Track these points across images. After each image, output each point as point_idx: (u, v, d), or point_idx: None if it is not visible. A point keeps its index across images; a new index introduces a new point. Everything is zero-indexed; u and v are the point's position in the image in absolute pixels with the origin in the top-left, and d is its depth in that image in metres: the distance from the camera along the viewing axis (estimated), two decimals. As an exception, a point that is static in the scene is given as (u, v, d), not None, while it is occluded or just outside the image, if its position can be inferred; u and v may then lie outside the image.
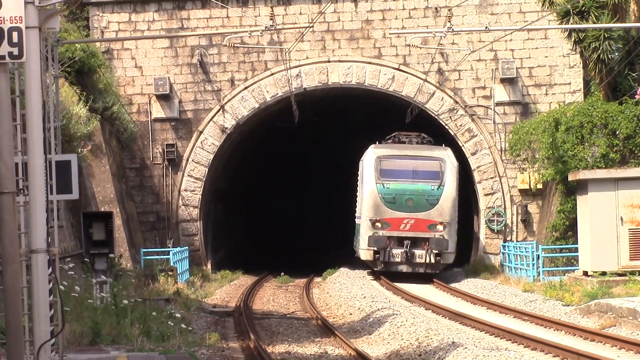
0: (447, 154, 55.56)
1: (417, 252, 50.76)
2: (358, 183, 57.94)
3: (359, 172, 57.67)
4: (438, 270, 54.18)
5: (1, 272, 16.86)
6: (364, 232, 51.86)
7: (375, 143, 57.75)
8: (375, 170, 52.23)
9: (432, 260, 52.13)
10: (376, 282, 57.19)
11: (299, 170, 77.13)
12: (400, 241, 51.94)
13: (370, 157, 53.72)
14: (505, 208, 59.24)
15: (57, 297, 18.04)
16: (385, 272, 57.47)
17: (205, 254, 59.65)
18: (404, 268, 52.29)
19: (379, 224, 51.70)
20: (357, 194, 58.12)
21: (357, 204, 58.96)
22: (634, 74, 51.93)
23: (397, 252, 52.17)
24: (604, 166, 49.44)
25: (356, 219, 59.74)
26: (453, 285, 53.92)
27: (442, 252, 52.80)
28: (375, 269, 54.37)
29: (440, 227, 53.13)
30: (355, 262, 62.69)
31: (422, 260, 51.87)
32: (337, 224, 74.80)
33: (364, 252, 52.67)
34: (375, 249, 50.68)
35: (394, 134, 58.70)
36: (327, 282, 57.35)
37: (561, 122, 52.61)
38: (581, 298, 37.86)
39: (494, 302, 42.43)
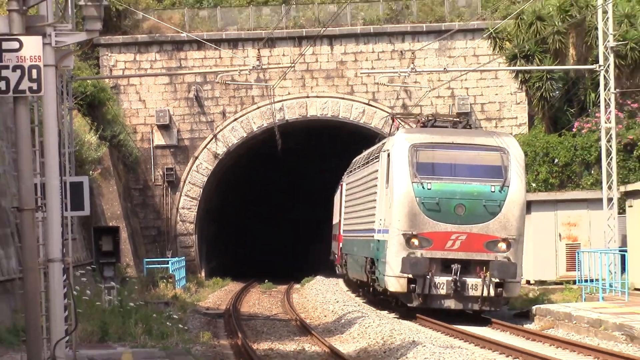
0: (509, 142, 37.52)
1: (470, 281, 32.97)
2: (373, 184, 39.57)
3: (376, 170, 38.67)
4: (499, 308, 36.35)
5: (22, 278, 18.13)
6: (394, 252, 33.43)
7: (404, 128, 40.55)
8: (410, 164, 33.76)
9: (492, 293, 33.74)
10: (343, 284, 56.90)
11: (281, 190, 77.01)
12: (445, 265, 34.03)
13: (401, 147, 34.90)
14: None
15: (71, 300, 19.29)
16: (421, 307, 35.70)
17: (200, 263, 61.58)
18: (451, 304, 34.07)
19: (415, 241, 33.21)
20: (372, 197, 39.36)
21: (357, 212, 44.37)
22: (571, 110, 56.67)
23: (442, 282, 33.83)
24: (544, 190, 53.17)
25: (356, 233, 44.83)
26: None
27: (506, 281, 34.16)
28: (409, 305, 35.02)
29: (503, 246, 34.61)
30: (329, 271, 62.43)
31: (477, 293, 33.68)
32: (314, 236, 74.12)
33: (394, 282, 33.95)
34: (411, 276, 32.64)
35: (425, 116, 41.87)
36: (305, 289, 57.59)
37: (509, 151, 58.31)
38: (523, 303, 39.47)
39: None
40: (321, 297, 49.95)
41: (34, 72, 16.19)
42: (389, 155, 34.51)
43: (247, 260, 76.75)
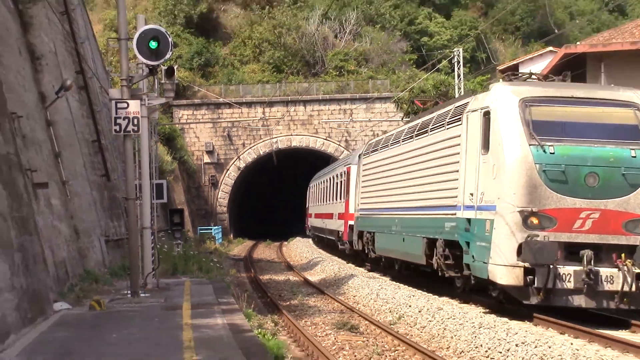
0: None
1: (605, 271, 21.42)
2: (446, 153, 27.00)
3: (455, 136, 26.32)
4: None
5: (128, 238, 23.98)
6: (505, 235, 22.12)
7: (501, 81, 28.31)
8: (523, 122, 22.85)
9: (633, 287, 21.53)
10: (313, 244, 62.49)
11: (276, 187, 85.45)
12: (570, 252, 22.39)
13: (508, 101, 23.54)
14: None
15: (155, 250, 24.34)
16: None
17: (229, 229, 76.09)
18: (581, 301, 21.75)
19: (535, 220, 21.99)
20: (447, 169, 26.77)
21: (399, 189, 31.64)
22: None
23: (568, 272, 21.94)
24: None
25: (395, 211, 32.13)
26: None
27: None
28: (525, 302, 21.93)
29: None
30: (302, 234, 72.60)
31: (615, 287, 21.57)
32: (294, 214, 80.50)
33: (504, 272, 22.03)
34: (528, 265, 21.46)
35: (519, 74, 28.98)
36: (290, 244, 67.93)
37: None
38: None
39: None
40: (299, 249, 59.35)
41: (135, 120, 21.01)
42: (486, 114, 23.44)
43: (256, 227, 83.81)
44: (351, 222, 41.00)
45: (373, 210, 36.18)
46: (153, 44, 21.39)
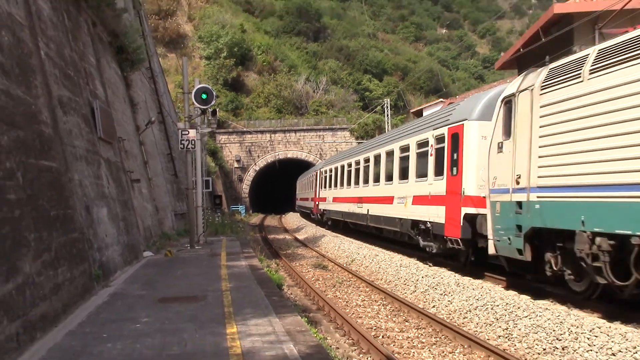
0: None
1: None
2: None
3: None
4: None
5: (188, 212, 23.74)
6: None
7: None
8: None
9: None
10: (300, 217, 58.14)
11: (278, 180, 79.93)
12: None
13: None
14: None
15: (204, 220, 24.60)
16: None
17: (250, 207, 72.57)
18: None
19: None
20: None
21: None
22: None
23: None
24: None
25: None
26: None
27: None
28: None
29: None
30: (293, 211, 69.93)
31: None
32: (289, 197, 74.58)
33: None
34: None
35: None
36: (286, 216, 64.37)
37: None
38: None
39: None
40: (292, 219, 56.93)
41: (193, 141, 21.56)
42: None
43: (265, 206, 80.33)
44: (471, 211, 15.18)
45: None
46: (204, 96, 22.01)
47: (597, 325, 9.68)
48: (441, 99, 56.42)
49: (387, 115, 64.66)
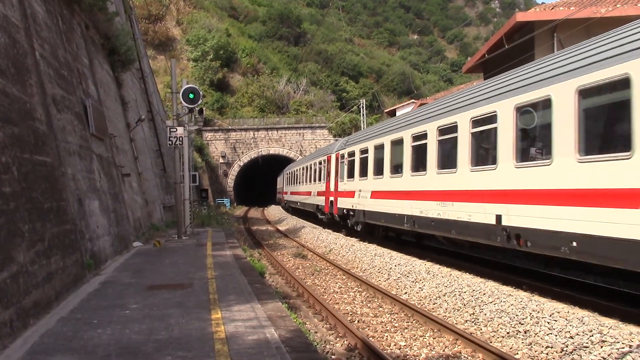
0: None
1: None
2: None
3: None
4: None
5: (175, 205, 23.44)
6: None
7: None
8: None
9: None
10: (281, 209, 56.58)
11: (260, 175, 79.00)
12: None
13: None
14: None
15: (190, 212, 24.24)
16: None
17: (234, 200, 70.31)
18: None
19: None
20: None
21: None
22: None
23: None
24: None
25: None
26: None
27: None
28: None
29: None
30: (275, 203, 68.70)
31: None
32: (270, 191, 76.50)
33: None
34: None
35: None
36: (268, 209, 62.43)
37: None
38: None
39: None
40: (274, 212, 55.47)
41: (181, 138, 21.25)
42: None
43: (249, 199, 79.61)
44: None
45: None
46: (191, 95, 22.34)
47: (557, 310, 9.73)
48: (413, 100, 56.66)
49: (363, 115, 64.90)
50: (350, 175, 23.19)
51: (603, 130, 9.51)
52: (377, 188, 19.59)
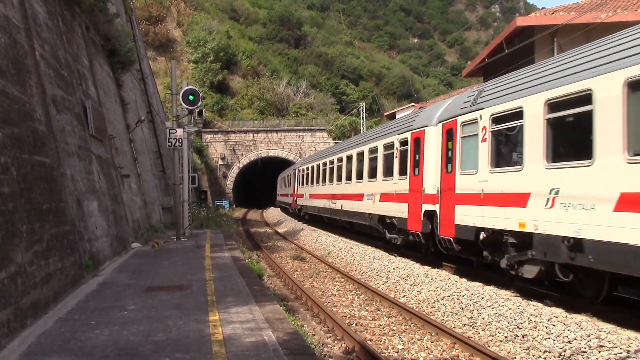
0: None
1: None
2: None
3: None
4: None
5: (175, 206, 23.46)
6: None
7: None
8: None
9: None
10: (280, 211, 56.17)
11: (259, 177, 77.86)
12: None
13: None
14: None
15: (190, 213, 24.33)
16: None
17: (233, 202, 70.33)
18: None
19: None
20: None
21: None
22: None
23: None
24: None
25: None
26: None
27: None
28: None
29: None
30: (274, 205, 66.92)
31: None
32: (270, 192, 73.69)
33: None
34: None
35: None
36: (267, 211, 62.34)
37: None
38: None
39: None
40: (272, 213, 55.41)
41: (180, 140, 21.24)
42: None
43: (248, 201, 79.30)
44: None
45: None
46: (191, 97, 22.30)
47: (555, 314, 9.71)
48: (413, 104, 56.62)
49: (363, 118, 64.89)
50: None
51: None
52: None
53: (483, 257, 12.75)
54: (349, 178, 23.91)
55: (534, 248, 10.72)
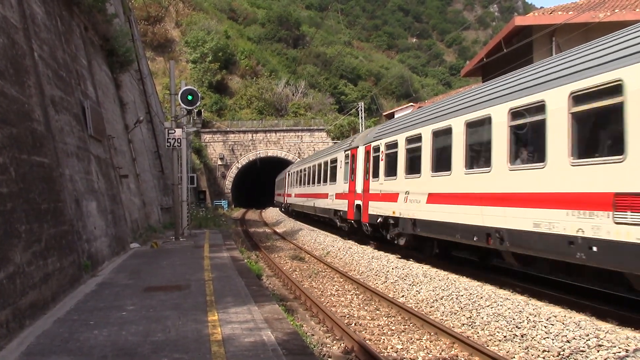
0: None
1: None
2: None
3: None
4: None
5: (173, 206, 23.54)
6: None
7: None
8: None
9: None
10: (279, 211, 55.11)
11: (258, 177, 78.26)
12: None
13: None
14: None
15: (188, 213, 24.32)
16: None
17: (232, 202, 69.95)
18: None
19: None
20: None
21: None
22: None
23: None
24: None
25: None
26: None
27: None
28: None
29: None
30: (272, 205, 66.55)
31: None
32: (268, 193, 75.45)
33: None
34: None
35: None
36: (266, 211, 62.17)
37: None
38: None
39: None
40: (271, 213, 55.06)
41: (179, 140, 21.19)
42: None
43: (247, 201, 79.62)
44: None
45: None
46: (189, 97, 22.18)
47: (554, 314, 9.72)
48: (411, 103, 56.67)
49: (361, 118, 64.90)
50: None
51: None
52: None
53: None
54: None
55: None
